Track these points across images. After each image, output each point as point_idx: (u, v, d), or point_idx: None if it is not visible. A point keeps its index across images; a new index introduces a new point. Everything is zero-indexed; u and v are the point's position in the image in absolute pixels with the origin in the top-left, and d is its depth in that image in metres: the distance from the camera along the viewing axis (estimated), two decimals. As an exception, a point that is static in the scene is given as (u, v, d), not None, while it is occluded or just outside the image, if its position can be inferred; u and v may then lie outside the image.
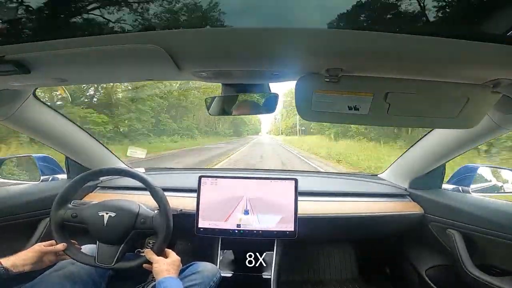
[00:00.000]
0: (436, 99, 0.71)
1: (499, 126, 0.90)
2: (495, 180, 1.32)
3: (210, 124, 25.63)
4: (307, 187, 1.37)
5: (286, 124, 44.43)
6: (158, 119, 15.38)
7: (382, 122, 0.81)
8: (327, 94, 0.69)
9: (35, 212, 1.15)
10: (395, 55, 0.56)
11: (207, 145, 17.68)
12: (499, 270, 1.03)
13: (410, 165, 1.39)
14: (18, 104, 0.95)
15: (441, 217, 1.20)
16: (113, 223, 0.92)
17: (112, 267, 0.91)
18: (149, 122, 14.08)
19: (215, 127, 27.76)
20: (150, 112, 14.08)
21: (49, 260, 0.90)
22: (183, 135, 18.12)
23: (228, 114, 0.89)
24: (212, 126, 26.64)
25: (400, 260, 1.49)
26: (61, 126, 1.19)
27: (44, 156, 1.40)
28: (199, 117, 21.91)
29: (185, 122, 19.59)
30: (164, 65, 0.62)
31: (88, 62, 0.63)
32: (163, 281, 0.82)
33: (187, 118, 20.24)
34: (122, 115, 12.32)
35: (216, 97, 0.86)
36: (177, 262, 0.92)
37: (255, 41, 0.53)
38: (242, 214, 1.18)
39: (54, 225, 0.93)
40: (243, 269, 1.22)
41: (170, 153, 11.71)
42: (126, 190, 1.39)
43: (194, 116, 21.19)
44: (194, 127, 20.81)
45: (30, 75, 0.66)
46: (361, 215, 1.29)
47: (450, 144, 1.12)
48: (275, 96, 0.83)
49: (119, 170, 1.14)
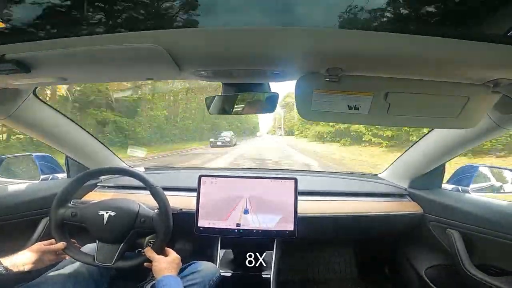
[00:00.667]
0: (436, 99, 0.71)
1: (499, 126, 0.90)
2: (495, 180, 1.33)
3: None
4: (307, 187, 1.37)
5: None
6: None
7: (382, 122, 0.81)
8: (327, 93, 0.69)
9: (35, 211, 1.15)
10: (395, 55, 0.56)
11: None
12: (498, 270, 1.03)
13: (409, 165, 1.39)
14: (19, 103, 0.95)
15: (441, 217, 1.20)
16: (113, 222, 0.92)
17: (111, 266, 0.91)
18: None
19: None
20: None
21: (49, 259, 0.90)
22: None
23: (228, 113, 0.89)
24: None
25: (400, 259, 1.49)
26: (61, 125, 1.19)
27: (44, 155, 1.40)
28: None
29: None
30: (164, 64, 0.62)
31: (88, 61, 0.63)
32: (162, 280, 0.82)
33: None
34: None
35: (216, 97, 0.86)
36: (176, 260, 0.92)
37: (255, 41, 0.53)
38: (242, 213, 1.18)
39: (54, 224, 0.93)
40: (242, 269, 1.22)
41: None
42: (126, 190, 1.39)
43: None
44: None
45: (30, 74, 0.66)
46: (361, 215, 1.29)
47: (450, 144, 1.12)
48: (276, 96, 0.83)
49: (119, 169, 1.14)
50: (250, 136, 33.49)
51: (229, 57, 0.61)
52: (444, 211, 1.19)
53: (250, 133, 35.24)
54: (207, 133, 18.12)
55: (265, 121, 63.06)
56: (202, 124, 18.52)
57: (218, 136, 15.38)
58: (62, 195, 0.96)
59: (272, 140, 24.99)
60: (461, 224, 1.11)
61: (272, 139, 27.50)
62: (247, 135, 31.38)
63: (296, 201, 1.17)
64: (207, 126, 19.10)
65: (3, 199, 1.09)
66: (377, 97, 0.69)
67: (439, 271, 1.27)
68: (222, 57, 0.61)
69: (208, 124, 19.21)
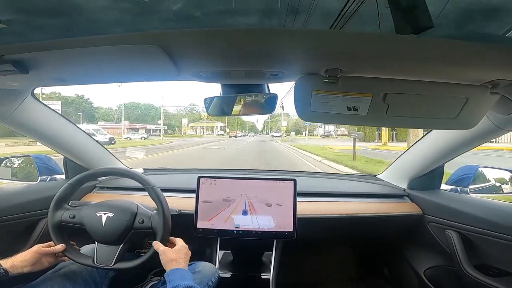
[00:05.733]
0: (435, 100, 0.71)
1: (498, 127, 0.90)
2: (494, 180, 1.33)
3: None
4: (306, 188, 1.37)
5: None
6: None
7: (381, 123, 0.81)
8: (326, 94, 0.70)
9: (33, 212, 1.15)
10: (394, 56, 0.56)
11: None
12: (497, 271, 1.03)
13: (409, 165, 1.39)
14: (17, 104, 0.95)
15: (440, 218, 1.20)
16: (112, 224, 0.92)
17: (111, 267, 0.91)
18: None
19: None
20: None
21: (48, 261, 0.90)
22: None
23: (227, 115, 0.89)
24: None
25: (399, 260, 1.49)
26: (59, 126, 1.19)
27: (43, 156, 1.40)
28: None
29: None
30: (163, 65, 0.62)
31: (87, 62, 0.63)
32: (169, 274, 0.81)
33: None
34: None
35: (215, 97, 0.86)
36: (184, 250, 0.90)
37: (254, 42, 0.53)
38: (241, 214, 1.18)
39: (52, 227, 0.93)
40: (242, 270, 1.21)
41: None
42: (125, 191, 1.39)
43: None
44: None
45: (29, 75, 0.65)
46: (360, 216, 1.29)
47: (449, 145, 1.12)
48: (275, 97, 0.83)
49: (117, 170, 1.13)
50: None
51: (228, 58, 0.61)
52: (443, 212, 1.19)
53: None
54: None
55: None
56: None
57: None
58: (60, 197, 0.96)
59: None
60: (460, 224, 1.11)
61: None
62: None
63: (295, 202, 1.17)
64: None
65: (1, 200, 1.09)
66: (376, 98, 0.69)
67: (438, 272, 1.27)
68: (221, 58, 0.61)
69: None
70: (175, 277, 0.79)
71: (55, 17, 0.46)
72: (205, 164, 8.53)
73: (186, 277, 0.81)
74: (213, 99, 0.87)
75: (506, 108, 0.81)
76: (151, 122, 39.77)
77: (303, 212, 1.23)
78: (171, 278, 0.79)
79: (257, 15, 0.45)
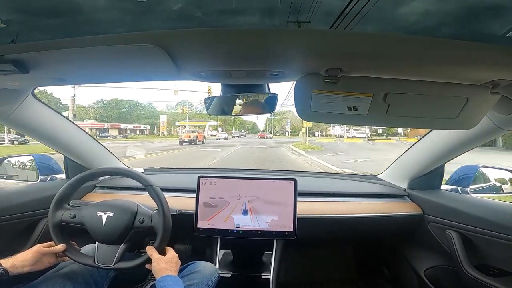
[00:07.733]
0: (436, 99, 0.71)
1: (498, 127, 0.90)
2: (494, 180, 1.32)
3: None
4: (306, 188, 1.37)
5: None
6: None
7: (381, 123, 0.81)
8: (326, 94, 0.69)
9: (34, 212, 1.15)
10: (394, 55, 0.56)
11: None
12: (498, 271, 1.03)
13: (409, 165, 1.39)
14: (17, 103, 0.95)
15: (440, 218, 1.20)
16: (112, 223, 0.92)
17: (111, 267, 0.91)
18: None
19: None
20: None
21: (48, 261, 0.89)
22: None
23: (228, 114, 0.89)
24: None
25: (399, 260, 1.49)
26: (60, 126, 1.19)
27: (43, 156, 1.40)
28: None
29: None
30: (163, 65, 0.62)
31: (87, 62, 0.63)
32: (160, 281, 0.82)
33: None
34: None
35: (216, 97, 0.86)
36: (174, 259, 0.91)
37: (255, 42, 0.53)
38: (241, 214, 1.18)
39: (52, 227, 0.93)
40: (242, 270, 1.21)
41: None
42: (125, 190, 1.39)
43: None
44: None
45: (29, 75, 0.65)
46: (360, 216, 1.29)
47: (449, 145, 1.12)
48: (275, 96, 0.83)
49: (118, 170, 1.13)
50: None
51: (228, 58, 0.61)
52: (443, 212, 1.19)
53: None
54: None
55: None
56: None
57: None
58: (61, 197, 0.96)
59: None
60: (461, 225, 1.11)
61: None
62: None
63: (295, 202, 1.17)
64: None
65: (2, 200, 1.09)
66: (376, 98, 0.69)
67: (438, 272, 1.27)
68: (222, 58, 0.61)
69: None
70: (167, 284, 0.81)
71: (56, 17, 0.46)
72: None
73: (178, 283, 0.83)
74: (213, 99, 0.87)
75: (506, 108, 0.81)
76: (136, 122, 35.32)
77: (303, 212, 1.23)
78: (163, 285, 0.80)
79: (258, 14, 0.45)
